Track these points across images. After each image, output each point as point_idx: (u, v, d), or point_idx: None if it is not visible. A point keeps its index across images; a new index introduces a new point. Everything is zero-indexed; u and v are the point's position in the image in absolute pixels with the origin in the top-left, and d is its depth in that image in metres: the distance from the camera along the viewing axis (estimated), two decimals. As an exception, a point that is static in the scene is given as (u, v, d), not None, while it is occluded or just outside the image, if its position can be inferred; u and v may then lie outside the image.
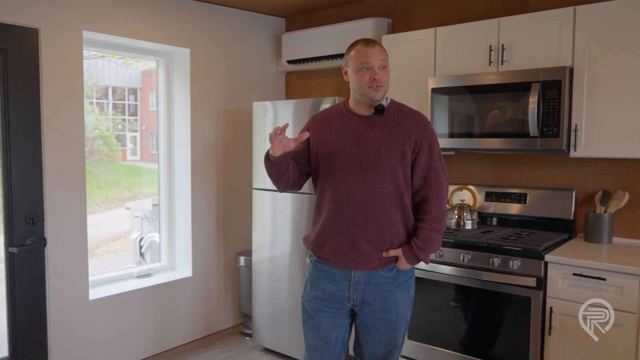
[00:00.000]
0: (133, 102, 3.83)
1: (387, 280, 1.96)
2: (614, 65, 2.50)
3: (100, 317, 3.15)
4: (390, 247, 1.94)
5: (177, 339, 3.60)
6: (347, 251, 1.93)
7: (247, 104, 3.92)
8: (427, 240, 1.93)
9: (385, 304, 1.96)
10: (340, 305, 2.00)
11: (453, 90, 2.90)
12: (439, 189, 1.96)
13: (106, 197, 3.70)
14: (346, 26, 3.60)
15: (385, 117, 1.97)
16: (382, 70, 1.93)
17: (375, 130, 1.95)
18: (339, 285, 1.97)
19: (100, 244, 3.75)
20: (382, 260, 1.95)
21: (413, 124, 1.96)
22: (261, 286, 3.51)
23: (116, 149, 3.69)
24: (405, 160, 1.93)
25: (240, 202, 3.94)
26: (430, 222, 1.94)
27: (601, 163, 2.84)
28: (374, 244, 1.92)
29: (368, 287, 1.96)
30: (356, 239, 1.92)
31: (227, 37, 3.77)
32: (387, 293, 1.96)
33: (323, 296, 2.00)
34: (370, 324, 1.99)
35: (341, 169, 1.93)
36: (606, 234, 2.70)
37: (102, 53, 3.41)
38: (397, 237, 1.95)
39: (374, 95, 1.93)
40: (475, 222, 3.05)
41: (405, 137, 1.94)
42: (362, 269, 1.94)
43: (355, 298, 1.97)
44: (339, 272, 1.97)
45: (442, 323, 2.80)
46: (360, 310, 2.00)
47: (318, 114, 2.10)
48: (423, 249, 1.93)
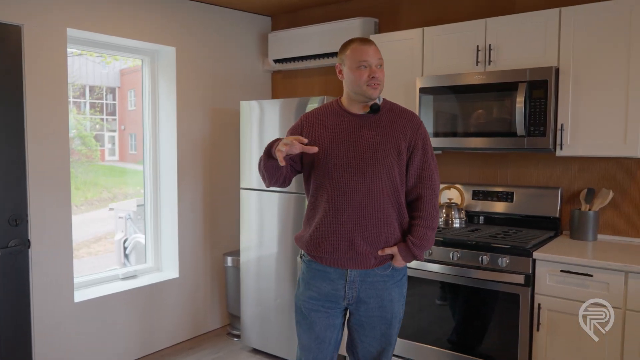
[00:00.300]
0: (111, 102, 3.79)
1: (383, 278, 1.98)
2: (599, 66, 2.56)
3: (86, 319, 3.10)
4: (386, 245, 1.96)
5: (164, 341, 3.57)
6: (344, 250, 1.94)
7: (233, 103, 3.91)
8: (422, 238, 1.97)
9: (381, 302, 1.98)
10: (335, 305, 2.01)
11: (441, 90, 2.94)
12: (433, 187, 2.00)
13: (85, 198, 3.65)
14: (333, 25, 3.61)
15: (380, 116, 1.99)
16: (379, 69, 1.95)
17: (371, 129, 1.96)
18: (334, 284, 1.98)
19: (81, 246, 3.70)
20: (378, 258, 1.97)
21: (407, 123, 1.99)
22: (249, 286, 3.50)
23: (95, 149, 3.64)
24: (401, 159, 1.96)
25: (227, 202, 3.93)
26: (425, 219, 1.97)
27: (586, 162, 2.91)
28: (370, 243, 1.94)
29: (364, 285, 1.97)
30: (353, 238, 1.93)
31: (214, 35, 3.75)
32: (383, 291, 1.98)
33: (318, 296, 2.01)
34: (365, 322, 2.01)
35: (338, 168, 1.94)
36: (591, 231, 2.77)
37: (85, 51, 3.37)
38: (393, 235, 1.97)
39: (372, 93, 1.95)
40: (463, 221, 3.09)
41: (400, 136, 1.96)
42: (359, 268, 1.96)
43: (351, 297, 1.98)
44: (334, 271, 1.98)
45: (431, 321, 2.83)
46: (355, 309, 2.01)
47: (310, 113, 2.10)
48: (419, 246, 1.96)
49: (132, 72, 3.82)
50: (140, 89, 3.67)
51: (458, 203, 3.15)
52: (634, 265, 2.26)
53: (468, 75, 2.85)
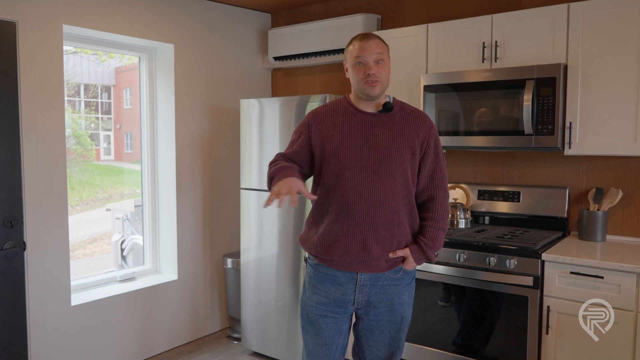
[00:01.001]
0: (106, 100, 3.75)
1: (393, 282, 1.95)
2: (608, 62, 2.53)
3: (83, 323, 3.06)
4: (397, 247, 1.93)
5: (162, 344, 3.52)
6: (356, 253, 1.89)
7: (233, 101, 3.86)
8: (434, 239, 1.94)
9: (391, 305, 1.95)
10: (343, 310, 1.97)
11: (446, 88, 2.90)
12: (445, 188, 1.99)
13: (80, 198, 3.61)
14: (334, 22, 3.57)
15: (392, 115, 1.95)
16: (377, 65, 1.89)
17: (385, 128, 1.92)
18: (344, 288, 1.94)
19: (77, 247, 3.66)
20: (389, 261, 1.93)
21: (421, 123, 1.96)
22: (249, 288, 3.46)
23: (90, 149, 3.60)
24: (414, 159, 1.93)
25: (227, 203, 3.88)
26: (436, 220, 1.95)
27: (594, 160, 2.87)
28: (382, 245, 1.90)
29: (374, 289, 1.94)
30: (366, 240, 1.88)
31: (213, 32, 3.71)
32: (393, 295, 1.95)
33: (327, 301, 1.96)
34: (375, 326, 1.97)
35: (351, 168, 1.89)
36: (600, 231, 2.74)
37: (80, 48, 3.32)
38: (404, 237, 1.94)
39: (369, 91, 1.90)
40: (469, 221, 3.05)
41: (414, 136, 1.93)
42: (370, 272, 1.91)
43: (360, 301, 1.94)
44: (343, 274, 1.93)
45: (435, 323, 2.80)
46: (364, 313, 1.97)
47: (318, 110, 2.04)
48: (431, 247, 1.94)
49: (127, 70, 3.78)
50: (136, 87, 3.62)
51: (463, 203, 3.12)
52: (646, 267, 2.22)
53: (474, 73, 2.81)
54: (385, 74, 1.92)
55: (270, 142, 3.29)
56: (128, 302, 3.30)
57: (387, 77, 1.94)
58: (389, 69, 1.95)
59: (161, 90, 3.56)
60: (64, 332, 2.97)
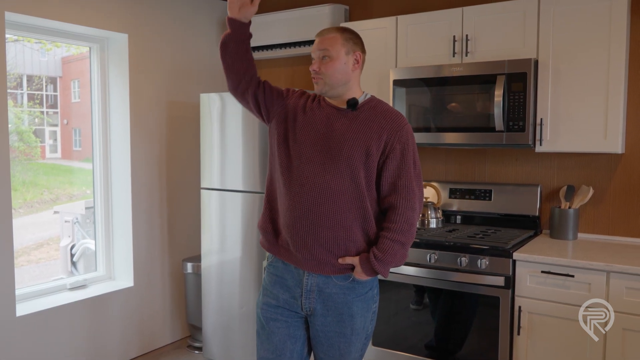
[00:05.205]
0: (52, 93, 3.68)
1: (342, 290, 1.93)
2: (579, 59, 2.65)
3: (29, 335, 3.01)
4: (346, 253, 1.91)
5: (117, 356, 3.49)
6: (298, 248, 1.91)
7: (192, 95, 3.85)
8: (388, 252, 1.87)
9: (339, 316, 1.93)
10: (294, 314, 1.98)
11: (416, 82, 2.98)
12: (409, 197, 1.90)
13: (24, 200, 3.54)
14: (300, 12, 3.61)
15: (358, 113, 1.96)
16: (322, 61, 1.93)
17: (343, 124, 1.94)
18: (292, 292, 1.96)
19: (20, 253, 3.58)
20: (337, 266, 1.91)
21: (386, 124, 1.93)
22: (211, 294, 3.47)
23: (35, 146, 3.53)
24: (370, 161, 1.90)
25: (186, 203, 3.87)
26: (394, 232, 1.88)
27: (565, 158, 3.00)
28: (326, 247, 1.89)
29: (321, 296, 1.93)
30: (306, 238, 1.90)
31: (170, 21, 3.69)
32: (342, 305, 1.93)
33: (276, 303, 1.98)
34: (322, 336, 1.96)
35: (300, 157, 1.92)
36: (571, 230, 2.87)
37: (23, 37, 3.26)
38: (353, 243, 1.91)
39: (315, 88, 1.97)
40: (440, 221, 3.14)
41: (374, 136, 1.91)
42: (315, 272, 1.92)
43: (308, 307, 1.95)
44: (291, 278, 1.96)
45: (407, 326, 2.87)
46: (312, 321, 1.98)
47: (297, 90, 2.09)
48: (382, 261, 1.86)
49: (75, 61, 3.71)
50: (85, 79, 3.57)
51: (434, 202, 3.21)
52: (616, 265, 2.35)
53: (444, 67, 2.89)
54: (330, 71, 1.93)
55: (233, 140, 3.31)
56: (79, 311, 3.26)
57: (332, 73, 1.93)
58: (339, 65, 1.93)
59: (114, 83, 3.52)
60: (9, 345, 2.91)
